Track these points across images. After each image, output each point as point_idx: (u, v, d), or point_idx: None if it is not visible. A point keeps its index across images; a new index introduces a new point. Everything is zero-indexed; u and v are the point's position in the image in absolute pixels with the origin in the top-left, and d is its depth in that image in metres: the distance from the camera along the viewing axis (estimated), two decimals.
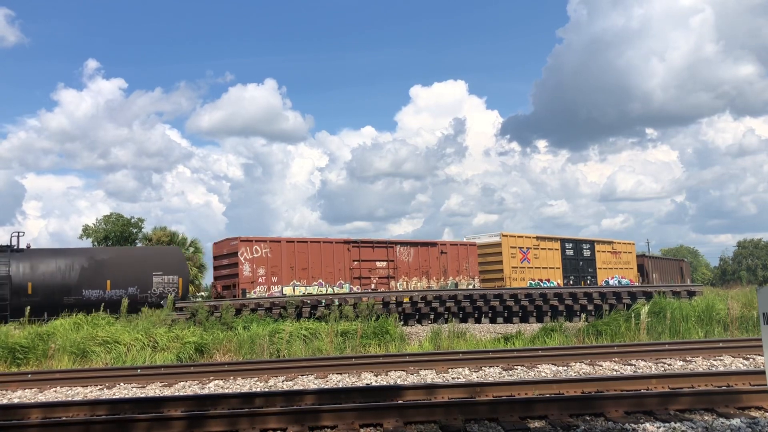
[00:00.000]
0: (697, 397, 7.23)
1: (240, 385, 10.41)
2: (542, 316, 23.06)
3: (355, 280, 27.46)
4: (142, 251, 26.34)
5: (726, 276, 79.09)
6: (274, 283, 25.33)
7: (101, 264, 23.08)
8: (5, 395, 10.29)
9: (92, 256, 23.62)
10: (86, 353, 14.24)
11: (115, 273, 23.04)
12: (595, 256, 36.36)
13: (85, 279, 22.48)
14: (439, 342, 15.38)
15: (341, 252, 27.28)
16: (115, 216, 40.77)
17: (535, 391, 8.29)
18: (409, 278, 29.09)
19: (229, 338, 15.18)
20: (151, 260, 24.24)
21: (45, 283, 21.81)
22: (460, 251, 31.05)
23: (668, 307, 16.56)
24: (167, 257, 24.76)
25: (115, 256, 24.33)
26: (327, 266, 26.72)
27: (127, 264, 23.71)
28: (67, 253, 23.28)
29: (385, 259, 28.42)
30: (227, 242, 25.76)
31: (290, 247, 26.06)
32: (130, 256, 25.01)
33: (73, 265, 22.62)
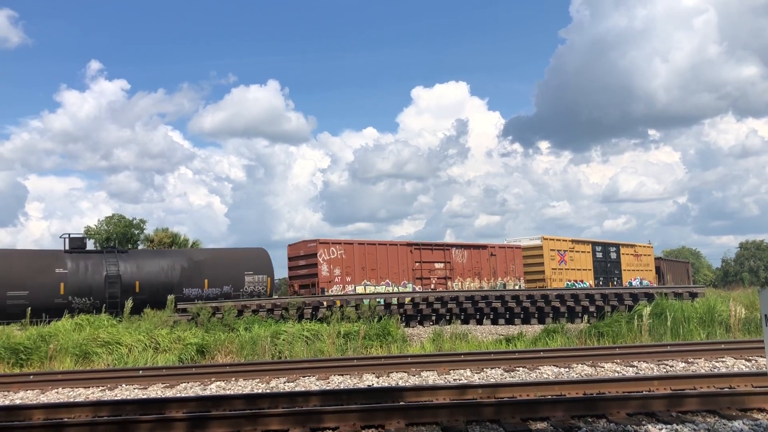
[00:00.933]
0: (699, 398, 7.22)
1: (242, 386, 10.41)
2: (544, 318, 23.04)
3: (417, 281, 28.84)
4: (234, 252, 27.76)
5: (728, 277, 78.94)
6: (348, 283, 26.84)
7: (199, 264, 24.99)
8: (7, 396, 10.30)
9: (191, 257, 25.51)
10: (88, 354, 14.25)
11: (212, 273, 24.90)
12: (620, 258, 37.89)
13: (186, 278, 24.39)
14: (441, 343, 15.38)
15: (405, 254, 28.83)
16: (117, 217, 40.87)
17: (537, 392, 8.28)
18: (464, 279, 30.50)
19: (231, 339, 15.18)
20: (243, 261, 26.09)
21: (150, 282, 23.71)
22: (507, 254, 32.67)
23: (670, 308, 16.54)
24: (256, 258, 26.59)
25: (211, 257, 26.06)
26: (392, 267, 28.26)
27: (221, 264, 25.52)
28: (168, 254, 25.52)
29: (442, 261, 29.92)
30: (304, 244, 27.38)
31: (361, 249, 27.59)
32: (224, 257, 26.57)
33: (174, 265, 24.56)
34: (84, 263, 23.19)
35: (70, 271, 22.68)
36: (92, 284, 22.91)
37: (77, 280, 22.69)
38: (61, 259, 22.95)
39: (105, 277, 23.09)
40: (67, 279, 22.46)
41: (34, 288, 21.72)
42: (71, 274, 22.68)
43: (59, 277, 22.34)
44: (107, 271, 23.21)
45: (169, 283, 24.14)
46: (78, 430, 6.78)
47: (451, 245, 31.04)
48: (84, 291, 22.64)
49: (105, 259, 23.56)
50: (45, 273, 22.31)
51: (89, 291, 22.76)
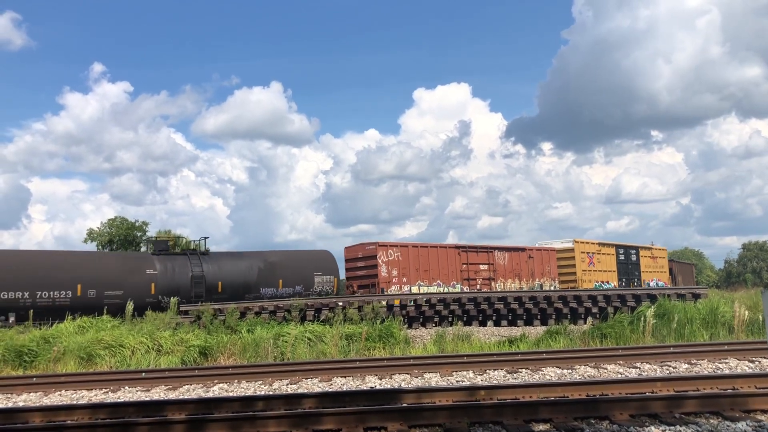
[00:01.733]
0: (702, 400, 7.20)
1: (244, 388, 10.41)
2: (546, 319, 23.01)
3: (465, 281, 30.28)
4: (304, 255, 29.06)
5: (731, 278, 78.77)
6: (404, 283, 28.22)
7: (273, 266, 26.39)
8: (10, 399, 10.32)
9: (266, 258, 26.71)
10: (91, 356, 14.26)
11: (285, 273, 26.48)
12: (640, 260, 39.46)
13: (262, 278, 25.82)
14: (444, 345, 15.36)
15: (453, 256, 30.26)
16: (120, 219, 40.82)
17: (539, 394, 8.27)
18: (505, 279, 32.04)
19: (234, 341, 15.18)
20: (312, 262, 27.65)
21: (231, 282, 25.07)
22: (543, 256, 34.24)
23: (673, 309, 16.52)
24: (323, 260, 28.19)
25: (284, 258, 27.40)
26: (443, 268, 29.66)
27: (294, 266, 27.06)
28: (245, 256, 26.54)
29: (486, 263, 31.45)
30: (362, 247, 28.75)
31: (415, 252, 29.08)
32: (296, 258, 28.01)
33: (252, 266, 25.92)
34: (171, 264, 24.33)
35: (159, 272, 23.83)
36: (180, 284, 24.01)
37: (166, 280, 23.81)
38: (151, 261, 24.18)
39: (191, 278, 24.31)
40: (157, 279, 23.62)
41: (128, 287, 22.84)
42: (160, 274, 23.81)
43: (150, 278, 23.56)
44: (192, 271, 24.42)
45: (248, 283, 25.57)
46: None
47: (494, 248, 32.32)
48: (172, 291, 23.53)
49: (190, 260, 24.73)
50: (137, 274, 23.45)
51: (177, 291, 23.68)
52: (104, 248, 38.68)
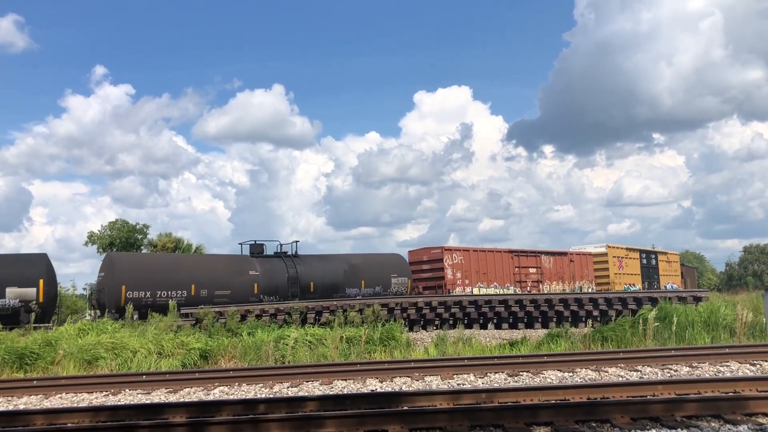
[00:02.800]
0: (703, 403, 7.19)
1: (245, 391, 10.40)
2: (547, 322, 22.98)
3: (517, 283, 32.18)
4: (382, 258, 30.43)
5: (732, 281, 78.72)
6: (467, 285, 30.12)
7: (356, 268, 27.94)
8: (11, 401, 10.32)
9: (349, 261, 28.30)
10: (92, 359, 14.25)
11: (367, 275, 28.02)
12: (658, 264, 41.77)
13: (347, 280, 27.38)
14: (445, 348, 15.35)
15: (507, 260, 32.26)
16: (121, 222, 40.87)
17: (540, 397, 8.26)
18: (550, 282, 33.80)
19: (234, 344, 15.18)
20: (388, 265, 29.15)
21: (321, 282, 26.61)
22: (582, 260, 36.32)
23: (674, 312, 16.50)
24: (398, 263, 29.64)
25: (364, 261, 28.85)
26: (498, 271, 31.74)
27: (373, 268, 28.57)
28: (332, 259, 28.26)
29: (535, 266, 33.39)
30: (427, 251, 30.94)
31: (476, 256, 31.13)
32: (374, 261, 29.41)
33: (338, 268, 27.51)
34: (269, 266, 25.81)
35: (260, 273, 25.27)
36: (278, 284, 25.51)
37: (266, 280, 25.26)
38: (252, 263, 25.59)
39: (287, 279, 25.80)
40: (259, 280, 25.07)
41: (235, 287, 24.41)
42: (261, 275, 25.24)
43: (253, 278, 25.03)
44: (288, 273, 25.93)
45: (335, 283, 27.15)
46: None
47: (541, 252, 34.41)
48: (271, 290, 25.24)
49: (285, 262, 26.27)
50: (242, 275, 24.90)
51: (276, 290, 25.36)
52: (105, 251, 38.71)
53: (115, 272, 22.18)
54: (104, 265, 23.42)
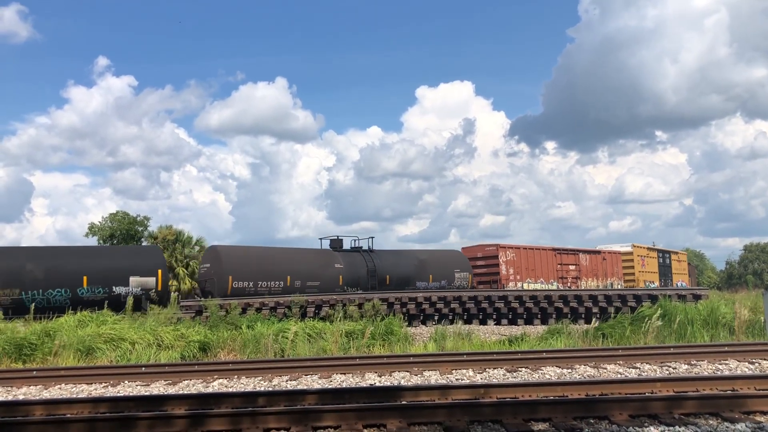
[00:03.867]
0: (701, 401, 7.20)
1: (244, 384, 10.42)
2: (547, 319, 23.01)
3: (559, 279, 34.29)
4: (445, 254, 32.39)
5: (732, 280, 78.70)
6: (518, 280, 32.07)
7: (424, 262, 29.86)
8: (10, 392, 10.34)
9: (417, 256, 30.46)
10: (91, 350, 14.28)
11: (434, 269, 29.96)
12: (671, 264, 44.60)
13: (417, 273, 29.36)
14: (444, 343, 15.36)
15: (551, 257, 34.38)
16: (121, 214, 40.90)
17: (539, 393, 8.27)
18: (587, 279, 35.87)
19: (234, 337, 15.19)
20: (452, 261, 31.14)
21: (396, 275, 28.50)
22: (612, 258, 38.53)
23: (675, 310, 16.51)
24: (460, 258, 31.70)
25: (431, 257, 30.79)
26: (544, 268, 33.83)
27: (439, 263, 30.43)
28: (402, 254, 30.55)
29: (574, 264, 35.59)
30: (481, 247, 33.15)
31: (525, 253, 33.15)
32: (439, 257, 31.31)
33: (409, 263, 29.49)
34: (351, 260, 27.60)
35: (344, 266, 27.03)
36: (359, 277, 27.43)
37: (350, 273, 27.09)
38: (337, 257, 27.38)
39: (367, 272, 27.72)
40: (343, 272, 26.85)
41: (323, 279, 26.19)
42: (345, 268, 27.01)
43: (338, 271, 26.81)
44: (367, 266, 27.85)
45: (408, 277, 29.03)
46: (78, 426, 6.79)
47: (579, 251, 36.60)
48: (354, 282, 26.97)
49: (364, 256, 28.16)
50: (329, 268, 26.69)
51: (357, 282, 27.12)
52: (106, 243, 38.75)
53: (222, 263, 23.70)
54: (209, 256, 25.08)
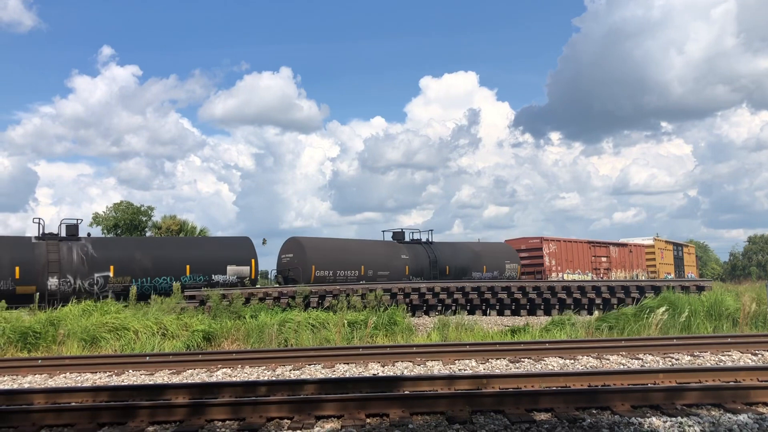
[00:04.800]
0: (704, 392, 7.20)
1: (248, 373, 10.45)
2: (550, 309, 23.01)
3: (594, 271, 36.69)
4: (496, 246, 34.81)
5: (736, 271, 78.59)
6: (559, 271, 34.55)
7: (478, 254, 32.15)
8: (16, 380, 10.40)
9: (472, 249, 32.68)
10: (96, 339, 14.34)
11: (487, 261, 32.22)
12: (683, 256, 47.82)
13: (473, 264, 31.62)
14: (447, 333, 15.38)
15: (586, 250, 37.00)
16: (125, 204, 40.95)
17: (541, 383, 8.28)
18: (616, 270, 38.22)
19: (237, 327, 15.24)
20: (502, 253, 33.47)
21: (454, 266, 30.54)
22: (637, 251, 41.14)
23: (678, 302, 16.48)
24: (510, 251, 33.94)
25: (483, 249, 33.19)
26: (580, 260, 36.38)
27: (491, 255, 32.73)
28: (458, 246, 32.66)
29: (605, 256, 38.10)
30: (525, 240, 35.72)
31: (565, 245, 35.79)
32: (491, 249, 33.61)
33: (465, 254, 31.64)
34: (414, 252, 29.39)
35: (410, 258, 28.88)
36: (422, 268, 29.25)
37: (414, 264, 28.89)
38: (403, 249, 29.20)
39: (429, 262, 29.53)
40: (409, 263, 28.72)
41: (392, 269, 28.17)
42: (411, 259, 28.89)
43: (405, 262, 28.73)
44: (429, 257, 29.68)
45: (465, 267, 31.03)
46: (81, 414, 6.83)
47: (609, 243, 39.22)
48: (417, 272, 28.88)
49: (425, 248, 30.00)
50: (396, 258, 28.65)
51: (420, 272, 28.98)
52: (110, 232, 38.83)
53: (306, 254, 25.75)
54: (291, 247, 26.79)
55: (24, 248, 21.98)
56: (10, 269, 21.17)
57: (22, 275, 21.21)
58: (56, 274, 21.79)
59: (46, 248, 22.02)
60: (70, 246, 22.54)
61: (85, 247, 22.79)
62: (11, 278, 21.11)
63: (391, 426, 6.45)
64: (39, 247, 22.10)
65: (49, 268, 21.72)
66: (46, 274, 21.66)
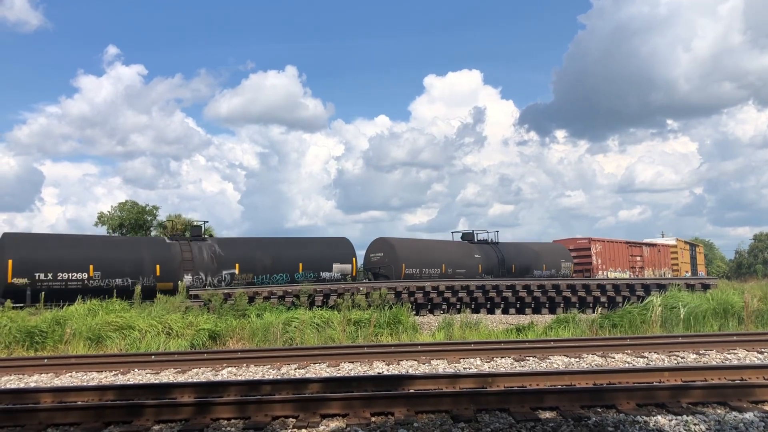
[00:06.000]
0: (709, 390, 7.19)
1: (253, 372, 10.48)
2: (555, 308, 22.99)
3: (631, 269, 39.55)
4: (551, 246, 37.90)
5: (741, 269, 78.35)
6: (604, 269, 37.26)
7: (538, 254, 35.20)
8: (22, 379, 10.45)
9: (531, 248, 35.61)
10: (101, 339, 14.39)
11: (546, 260, 35.24)
12: (696, 256, 51.14)
13: (534, 263, 34.47)
14: (451, 332, 15.38)
15: (624, 249, 40.01)
16: (130, 203, 41.04)
17: (546, 382, 8.28)
18: (648, 268, 41.38)
19: (243, 326, 15.27)
20: (559, 252, 36.46)
21: (518, 264, 33.56)
22: (664, 250, 44.58)
23: (684, 300, 16.44)
24: (564, 251, 37.00)
25: (541, 249, 36.33)
26: (620, 259, 39.26)
27: (549, 254, 35.84)
28: (520, 246, 35.33)
29: (639, 255, 41.34)
30: (573, 240, 38.71)
31: (608, 245, 38.84)
32: (548, 248, 36.77)
33: (527, 254, 34.47)
34: (485, 251, 32.27)
35: (481, 257, 31.65)
36: (492, 266, 32.13)
37: (486, 263, 31.84)
38: (475, 249, 32.26)
39: (497, 261, 32.44)
40: (482, 262, 31.44)
41: (467, 267, 30.92)
42: (482, 259, 31.62)
43: (477, 261, 31.48)
44: (497, 256, 32.54)
45: (527, 265, 33.90)
46: (87, 413, 6.86)
47: (642, 244, 42.68)
48: (488, 271, 31.74)
49: (493, 248, 32.98)
50: (470, 258, 31.44)
51: (491, 271, 31.83)
52: (115, 232, 38.92)
53: (396, 253, 28.32)
54: (380, 246, 29.45)
55: (162, 248, 24.22)
56: (151, 267, 23.29)
57: (162, 273, 23.39)
58: (190, 271, 24.05)
59: (179, 248, 24.32)
60: (200, 246, 24.96)
61: (212, 246, 25.24)
62: (153, 275, 23.21)
63: (396, 424, 6.45)
64: (174, 247, 24.36)
65: (183, 266, 23.91)
66: (181, 271, 23.76)
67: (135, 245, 24.38)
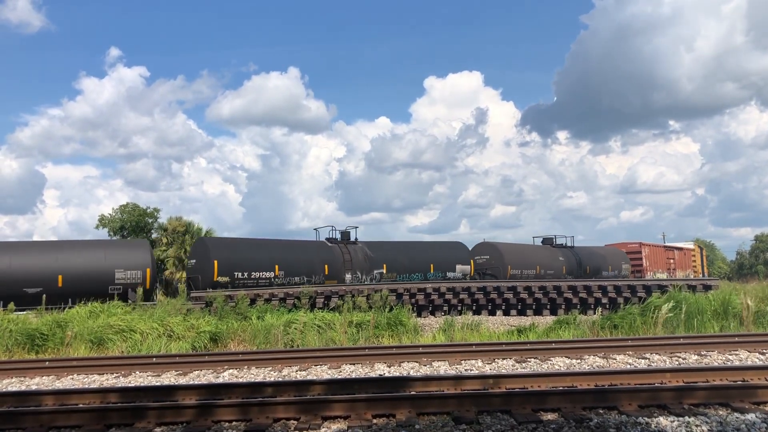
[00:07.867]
0: (711, 391, 7.18)
1: (254, 374, 10.47)
2: (556, 309, 22.97)
3: (667, 270, 43.79)
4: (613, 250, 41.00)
5: (743, 270, 78.23)
6: (652, 270, 41.80)
7: (604, 257, 38.57)
8: (23, 382, 10.44)
9: (598, 252, 39.15)
10: (103, 341, 14.38)
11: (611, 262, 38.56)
12: (704, 258, 54.84)
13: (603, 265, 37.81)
14: (453, 333, 15.37)
15: (662, 252, 45.04)
16: (131, 206, 41.02)
17: (548, 383, 8.27)
18: (678, 270, 45.71)
19: (244, 328, 15.26)
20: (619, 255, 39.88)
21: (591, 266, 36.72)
22: (688, 254, 49.82)
23: (684, 301, 16.42)
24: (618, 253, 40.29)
25: (606, 252, 39.70)
26: (660, 261, 44.05)
27: (613, 257, 39.33)
28: (591, 250, 38.81)
29: (672, 258, 45.95)
30: (623, 245, 43.01)
31: (653, 249, 43.82)
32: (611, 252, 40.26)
33: (596, 257, 38.13)
34: (565, 255, 35.80)
35: (564, 260, 35.16)
36: (572, 268, 35.64)
37: (568, 264, 35.30)
38: (557, 252, 35.61)
39: (576, 263, 35.93)
40: (565, 264, 35.10)
41: (554, 268, 34.19)
42: (565, 261, 35.19)
43: (561, 263, 34.91)
44: (576, 259, 36.24)
45: (598, 267, 37.17)
46: (89, 415, 6.85)
47: (674, 248, 47.73)
48: (570, 271, 35.18)
49: (570, 251, 36.54)
50: (556, 260, 34.73)
51: (572, 272, 35.21)
52: (116, 234, 38.93)
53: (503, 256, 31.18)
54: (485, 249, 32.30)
55: (327, 251, 26.88)
56: (321, 267, 25.94)
57: (330, 272, 26.11)
58: (350, 270, 26.90)
59: (340, 250, 27.12)
60: (355, 248, 27.77)
61: (364, 249, 27.99)
62: (322, 274, 25.86)
63: (397, 426, 6.45)
64: (335, 249, 27.16)
65: (344, 266, 26.74)
66: (343, 270, 26.61)
67: (307, 248, 27.02)
